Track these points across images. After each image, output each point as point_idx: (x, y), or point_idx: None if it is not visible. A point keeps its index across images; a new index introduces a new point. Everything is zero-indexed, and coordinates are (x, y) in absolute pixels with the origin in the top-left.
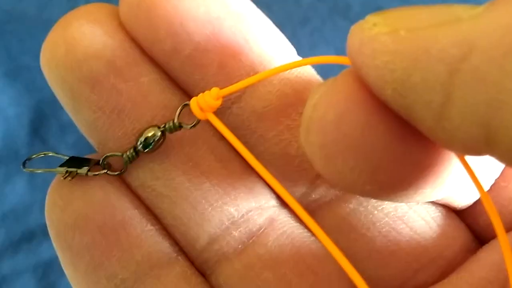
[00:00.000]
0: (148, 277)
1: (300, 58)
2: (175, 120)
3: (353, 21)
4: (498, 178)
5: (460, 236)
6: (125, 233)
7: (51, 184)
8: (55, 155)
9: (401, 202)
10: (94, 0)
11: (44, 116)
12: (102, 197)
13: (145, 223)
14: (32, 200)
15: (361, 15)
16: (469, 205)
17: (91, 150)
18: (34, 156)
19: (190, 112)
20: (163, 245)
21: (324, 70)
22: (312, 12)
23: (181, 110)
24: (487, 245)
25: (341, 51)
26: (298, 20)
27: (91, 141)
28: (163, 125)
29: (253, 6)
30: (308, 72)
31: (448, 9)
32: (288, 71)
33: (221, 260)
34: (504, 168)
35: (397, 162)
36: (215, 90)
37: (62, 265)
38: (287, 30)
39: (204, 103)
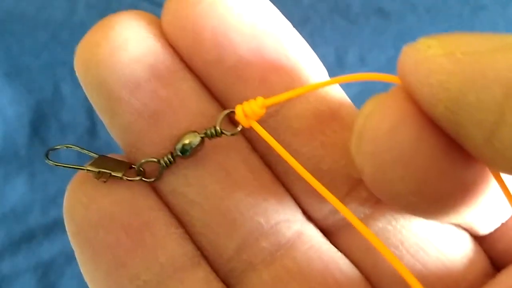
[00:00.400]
0: (171, 280)
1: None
2: (217, 127)
3: (353, 21)
4: None
5: (480, 261)
6: (150, 234)
7: (72, 180)
8: (81, 150)
9: (438, 219)
10: (93, 3)
11: (44, 116)
12: (128, 197)
13: (170, 226)
14: (32, 200)
15: (361, 15)
16: (490, 232)
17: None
18: (59, 147)
19: (227, 121)
20: (187, 249)
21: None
22: (312, 12)
23: (224, 117)
24: (506, 269)
25: (341, 51)
26: (298, 20)
27: (123, 144)
28: (203, 131)
29: (291, 26)
30: (340, 91)
31: (502, 37)
32: (323, 90)
33: (248, 270)
34: None
35: (442, 177)
36: (260, 99)
37: (81, 264)
38: None
39: (250, 111)
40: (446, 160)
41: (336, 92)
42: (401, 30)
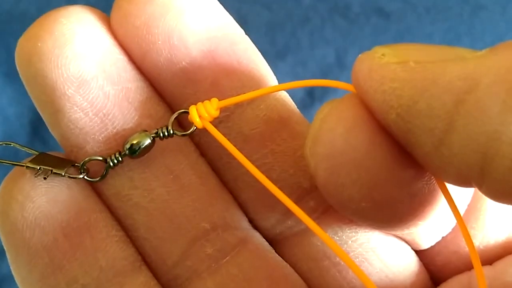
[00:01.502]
0: (110, 284)
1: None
2: (169, 127)
3: (352, 21)
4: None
5: (421, 274)
6: (90, 236)
7: (7, 177)
8: (21, 147)
9: (385, 229)
10: (92, 3)
11: None
12: (68, 197)
13: (112, 229)
14: None
15: (360, 16)
16: (430, 246)
17: None
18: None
19: (176, 124)
20: (128, 253)
21: None
22: (312, 12)
23: (176, 117)
24: (445, 283)
25: (340, 51)
26: (298, 20)
27: (64, 142)
28: (154, 131)
29: (244, 34)
30: (289, 100)
31: (453, 49)
32: (273, 98)
33: (192, 278)
34: (465, 214)
35: (392, 183)
36: (215, 100)
37: (13, 267)
38: (287, 30)
39: (204, 112)
40: (397, 167)
41: (286, 101)
42: (401, 30)
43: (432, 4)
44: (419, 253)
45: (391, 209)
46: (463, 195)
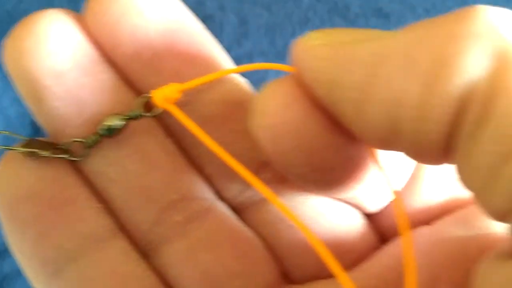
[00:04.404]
0: (91, 249)
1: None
2: (140, 109)
3: (352, 21)
4: (402, 187)
5: (369, 234)
6: (72, 208)
7: (1, 160)
8: (13, 135)
9: (329, 193)
10: None
11: None
12: (53, 175)
13: (91, 201)
14: None
15: (360, 16)
16: (378, 210)
17: None
18: None
19: (145, 106)
20: (107, 222)
21: None
22: (311, 12)
23: (144, 101)
24: (391, 241)
25: None
26: (298, 20)
27: (49, 129)
28: (126, 113)
29: (202, 27)
30: (246, 84)
31: (373, 31)
32: (231, 83)
33: (164, 242)
34: (408, 179)
35: (327, 150)
36: (175, 84)
37: (9, 235)
38: (287, 30)
39: (166, 94)
40: (330, 135)
41: (243, 86)
42: None
43: (431, 5)
44: (369, 217)
45: (330, 173)
46: (407, 161)
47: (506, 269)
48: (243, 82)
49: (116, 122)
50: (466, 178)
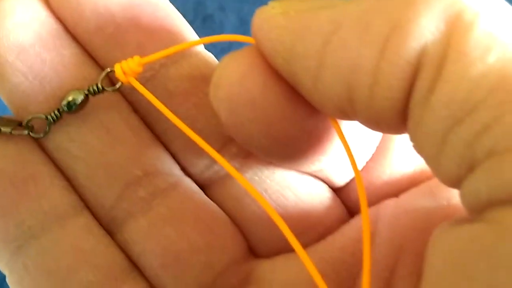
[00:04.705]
0: (54, 225)
1: None
2: (99, 84)
3: None
4: (369, 160)
5: (336, 208)
6: (35, 185)
7: None
8: None
9: (293, 166)
10: None
11: None
12: (15, 152)
13: (54, 178)
14: None
15: None
16: (345, 183)
17: None
18: None
19: (110, 81)
20: (70, 199)
21: None
22: None
23: (104, 75)
24: (358, 214)
25: None
26: None
27: (11, 105)
28: (87, 88)
29: (167, 1)
30: (212, 59)
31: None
32: (197, 58)
33: (128, 218)
34: (375, 152)
35: (287, 121)
36: (137, 57)
37: None
38: None
39: (128, 68)
40: (290, 105)
41: (208, 60)
42: None
43: None
44: (336, 191)
45: (291, 145)
46: (373, 134)
47: (456, 232)
48: (209, 56)
49: (76, 97)
50: (419, 145)
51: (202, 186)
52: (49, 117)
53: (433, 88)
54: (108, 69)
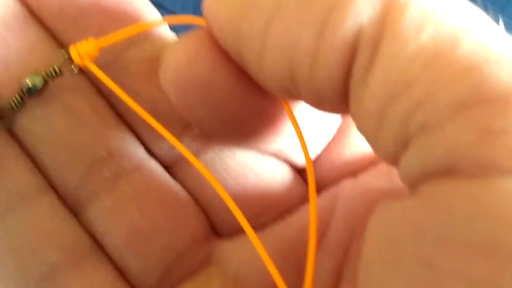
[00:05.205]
0: (18, 206)
1: None
2: (55, 66)
3: None
4: (330, 141)
5: (298, 188)
6: None
7: None
8: None
9: (249, 146)
10: None
11: None
12: None
13: (19, 160)
14: None
15: None
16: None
17: None
18: None
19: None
20: (35, 179)
21: None
22: None
23: (63, 57)
24: (319, 194)
25: None
26: None
27: None
28: (45, 72)
29: None
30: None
31: None
32: (160, 40)
33: (92, 198)
34: (336, 133)
35: (236, 102)
36: (91, 39)
37: None
38: None
39: (83, 50)
40: (239, 87)
41: (171, 42)
42: None
43: None
44: (300, 171)
45: (242, 126)
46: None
47: (389, 209)
48: (172, 39)
49: (35, 81)
50: (359, 124)
51: (166, 167)
52: (12, 105)
53: (370, 68)
54: (63, 51)
